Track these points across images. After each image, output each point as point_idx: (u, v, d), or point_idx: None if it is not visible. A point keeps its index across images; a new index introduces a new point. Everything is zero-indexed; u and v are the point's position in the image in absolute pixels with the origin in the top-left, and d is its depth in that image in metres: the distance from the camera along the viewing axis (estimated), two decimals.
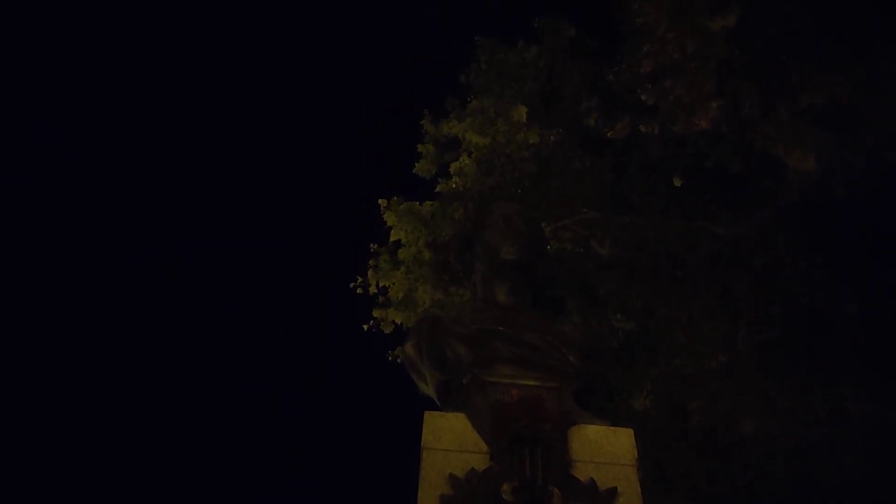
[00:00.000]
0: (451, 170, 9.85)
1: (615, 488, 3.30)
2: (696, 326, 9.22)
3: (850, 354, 8.99)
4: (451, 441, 3.49)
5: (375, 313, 9.50)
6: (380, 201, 9.55)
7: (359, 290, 9.58)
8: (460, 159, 9.80)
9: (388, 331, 9.42)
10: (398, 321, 9.18)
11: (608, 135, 7.98)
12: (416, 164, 10.07)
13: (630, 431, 3.63)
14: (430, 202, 9.53)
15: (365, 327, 9.54)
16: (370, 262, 9.53)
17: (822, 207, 7.89)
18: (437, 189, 9.68)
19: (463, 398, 3.75)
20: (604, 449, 3.47)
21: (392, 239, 9.51)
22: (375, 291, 9.51)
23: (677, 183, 7.93)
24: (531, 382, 3.75)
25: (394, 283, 9.34)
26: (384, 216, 9.46)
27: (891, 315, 8.82)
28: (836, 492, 8.52)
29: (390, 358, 9.32)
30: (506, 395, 3.67)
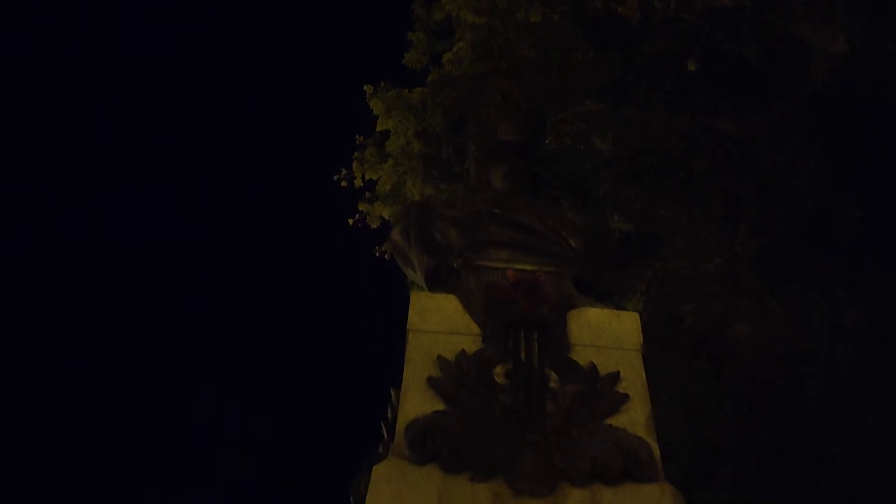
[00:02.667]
0: (444, 59, 9.25)
1: (617, 373, 3.07)
2: (696, 229, 8.94)
3: (850, 261, 8.78)
4: (439, 323, 3.24)
5: (361, 207, 9.11)
6: (365, 87, 8.98)
7: (343, 183, 9.15)
8: (454, 48, 9.18)
9: (374, 225, 9.06)
10: (385, 216, 8.80)
11: (619, 10, 7.37)
12: (405, 55, 9.44)
13: (635, 315, 3.38)
14: (421, 89, 8.97)
15: (350, 221, 9.19)
16: (355, 155, 9.07)
17: (841, 102, 7.44)
18: (429, 79, 9.10)
19: (454, 282, 3.45)
20: (606, 333, 3.22)
21: (379, 129, 9.00)
22: (361, 185, 9.09)
23: (691, 67, 7.42)
24: (528, 267, 3.45)
25: (381, 177, 8.91)
26: (370, 104, 8.91)
27: (893, 223, 8.56)
28: (826, 399, 8.47)
29: (377, 254, 9.01)
30: (501, 278, 3.38)
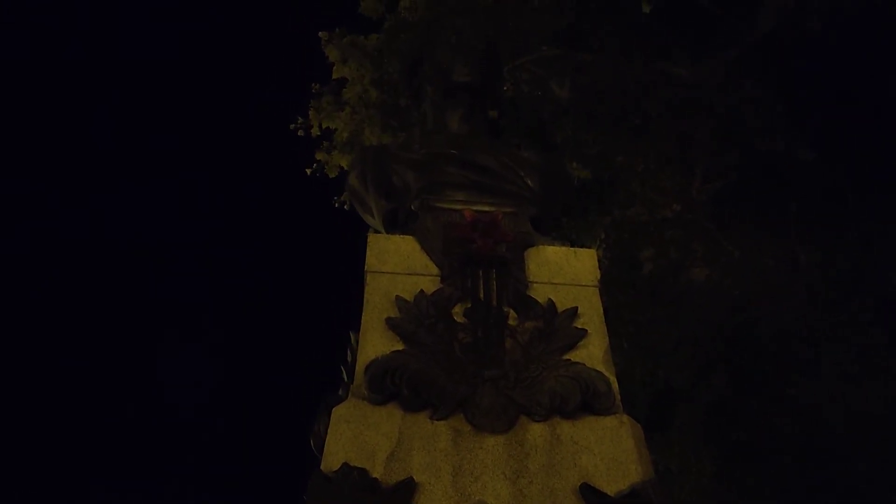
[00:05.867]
0: (400, 6, 9.04)
1: (575, 308, 3.06)
2: (652, 175, 8.99)
3: (802, 203, 8.93)
4: (397, 263, 3.19)
5: (318, 156, 8.96)
6: (321, 34, 8.76)
7: (300, 133, 8.97)
8: None
9: (332, 175, 8.94)
10: (343, 165, 8.66)
11: None
12: (361, 3, 9.20)
13: (592, 252, 3.38)
14: (377, 35, 8.77)
15: (308, 171, 9.04)
16: (311, 103, 8.88)
17: (791, 46, 7.49)
18: (385, 25, 8.90)
19: (411, 224, 3.41)
20: (563, 270, 3.22)
21: (335, 77, 8.82)
22: (318, 133, 8.92)
23: (646, 9, 7.36)
24: (486, 208, 3.42)
25: (338, 125, 8.75)
26: (326, 51, 8.72)
27: (845, 163, 8.71)
28: (778, 335, 8.69)
29: (336, 205, 8.91)
30: (459, 218, 3.35)
